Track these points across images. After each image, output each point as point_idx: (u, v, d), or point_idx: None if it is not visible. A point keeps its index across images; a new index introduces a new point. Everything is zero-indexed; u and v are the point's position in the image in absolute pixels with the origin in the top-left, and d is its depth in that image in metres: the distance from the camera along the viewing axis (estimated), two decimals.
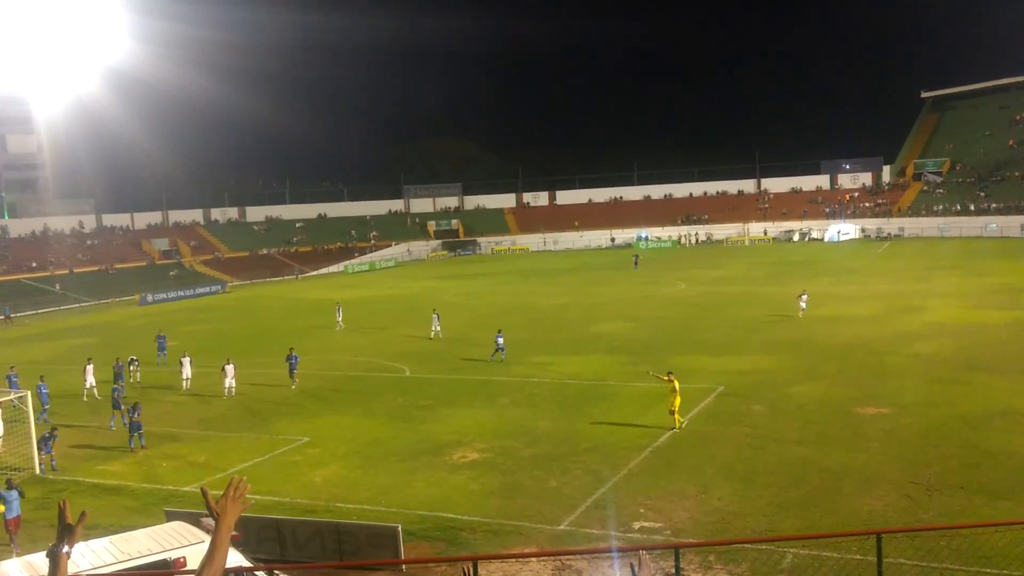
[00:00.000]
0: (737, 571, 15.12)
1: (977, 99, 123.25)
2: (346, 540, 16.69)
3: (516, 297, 60.78)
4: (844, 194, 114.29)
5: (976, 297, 47.33)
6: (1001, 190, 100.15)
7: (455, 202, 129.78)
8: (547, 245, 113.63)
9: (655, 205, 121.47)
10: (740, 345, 37.05)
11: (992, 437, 22.21)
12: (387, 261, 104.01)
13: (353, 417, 28.35)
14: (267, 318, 58.58)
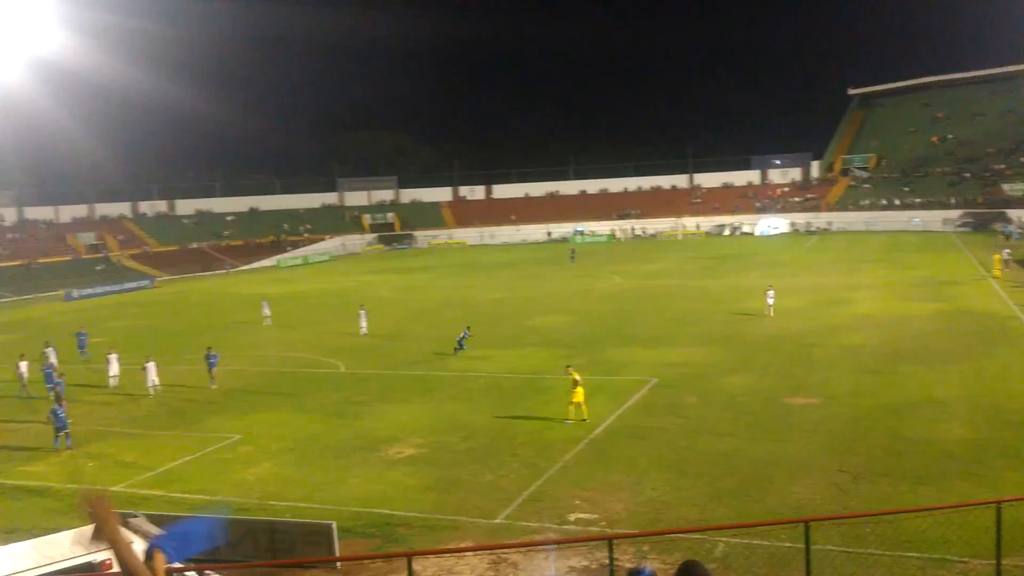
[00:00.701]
0: (670, 560, 15.31)
1: (901, 97, 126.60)
2: (279, 538, 16.47)
3: (453, 291, 60.64)
4: (774, 189, 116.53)
5: (901, 289, 48.69)
6: (924, 185, 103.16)
7: (390, 195, 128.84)
8: (484, 239, 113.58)
9: (591, 199, 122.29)
10: (673, 338, 37.54)
11: (915, 426, 22.88)
12: (321, 255, 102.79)
13: (286, 414, 27.98)
14: (197, 314, 57.46)
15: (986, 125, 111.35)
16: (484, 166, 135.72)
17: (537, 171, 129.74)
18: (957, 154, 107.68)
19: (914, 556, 14.16)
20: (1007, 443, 21.08)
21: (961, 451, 20.63)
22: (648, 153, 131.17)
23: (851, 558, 13.96)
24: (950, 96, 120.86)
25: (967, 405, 24.75)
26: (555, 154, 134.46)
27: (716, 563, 14.89)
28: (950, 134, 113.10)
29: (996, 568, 9.86)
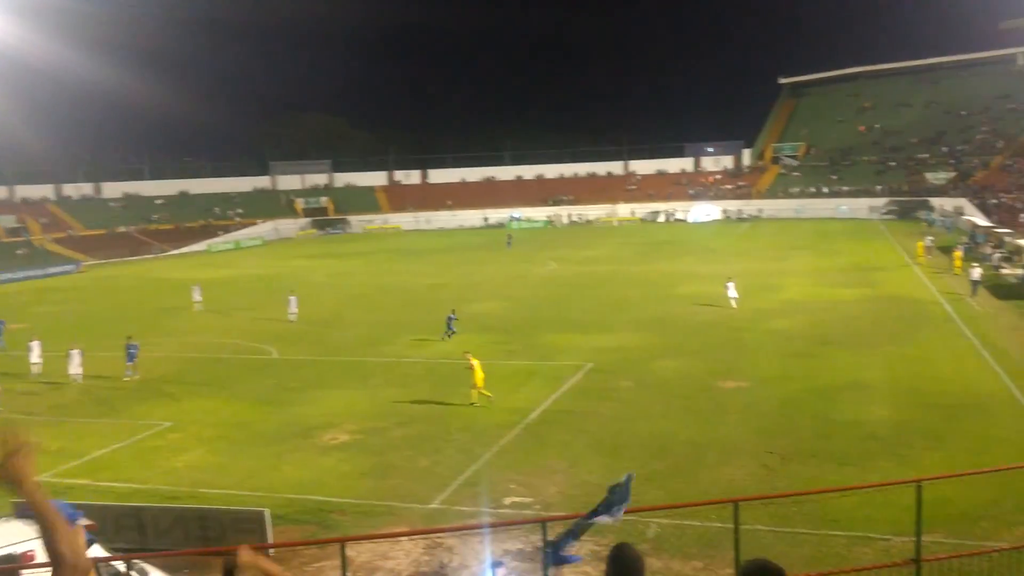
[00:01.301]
0: (603, 542, 15.49)
1: (830, 87, 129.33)
2: (210, 526, 16.23)
3: (389, 277, 60.26)
4: (707, 176, 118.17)
5: (828, 276, 49.85)
6: (851, 174, 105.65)
7: (324, 179, 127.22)
8: (420, 224, 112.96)
9: (527, 185, 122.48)
10: (608, 323, 37.90)
11: (841, 408, 23.51)
12: (253, 240, 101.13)
13: (218, 401, 27.54)
14: (125, 299, 56.09)
15: (910, 115, 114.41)
16: (420, 151, 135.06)
17: (473, 156, 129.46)
18: (883, 143, 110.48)
19: (839, 534, 14.57)
20: (928, 424, 21.79)
21: (884, 432, 21.27)
22: (584, 140, 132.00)
23: (779, 537, 14.30)
24: (876, 87, 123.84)
25: (890, 388, 25.51)
26: (491, 139, 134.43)
27: (648, 543, 15.12)
28: (876, 124, 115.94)
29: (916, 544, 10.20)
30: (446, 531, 16.13)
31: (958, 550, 11.96)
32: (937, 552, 11.69)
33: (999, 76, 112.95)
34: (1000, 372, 26.59)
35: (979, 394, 24.31)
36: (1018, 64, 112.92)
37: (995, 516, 15.20)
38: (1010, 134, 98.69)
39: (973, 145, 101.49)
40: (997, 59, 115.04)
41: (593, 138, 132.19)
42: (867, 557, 13.32)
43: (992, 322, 34.82)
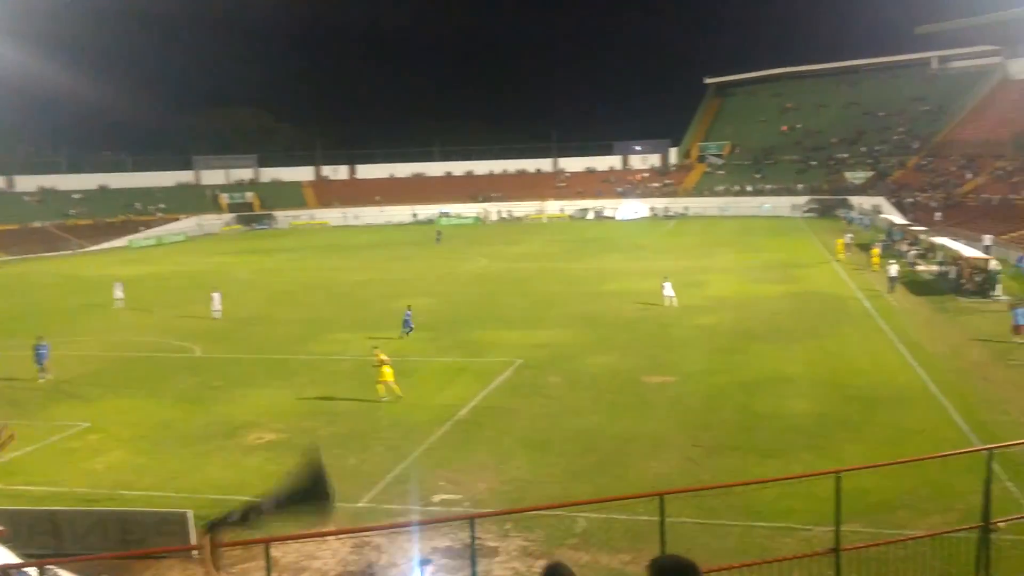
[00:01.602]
0: (532, 538, 15.57)
1: (754, 87, 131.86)
2: (130, 529, 15.81)
3: (316, 273, 59.49)
4: (635, 174, 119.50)
5: (752, 272, 50.86)
6: (774, 173, 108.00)
7: (250, 174, 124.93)
8: (348, 220, 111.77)
9: (457, 181, 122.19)
10: (538, 319, 38.05)
11: (764, 401, 24.01)
12: (176, 235, 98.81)
13: (139, 400, 26.82)
14: (41, 296, 54.23)
15: (831, 116, 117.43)
16: (348, 146, 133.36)
17: (402, 152, 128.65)
18: (804, 143, 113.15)
19: (762, 525, 14.87)
20: (847, 416, 22.39)
21: (806, 425, 21.79)
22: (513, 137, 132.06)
23: (704, 529, 14.52)
24: (798, 87, 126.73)
25: (811, 381, 26.14)
26: (421, 135, 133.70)
27: (576, 538, 15.23)
28: (798, 124, 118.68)
29: (836, 534, 10.45)
30: (374, 530, 15.98)
31: (876, 539, 12.30)
32: (856, 541, 12.00)
33: (915, 79, 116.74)
34: (915, 365, 27.47)
35: (896, 387, 25.07)
36: (932, 68, 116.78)
37: (911, 505, 15.69)
38: (925, 135, 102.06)
39: (890, 145, 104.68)
40: (913, 62, 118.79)
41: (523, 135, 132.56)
42: (789, 547, 13.62)
43: (908, 317, 35.95)
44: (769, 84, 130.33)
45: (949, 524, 13.36)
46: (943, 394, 24.06)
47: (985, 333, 32.29)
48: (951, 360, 28.36)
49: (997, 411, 22.60)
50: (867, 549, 11.36)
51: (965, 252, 44.89)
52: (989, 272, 40.36)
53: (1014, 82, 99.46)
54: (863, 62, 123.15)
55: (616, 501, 15.17)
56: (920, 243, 56.10)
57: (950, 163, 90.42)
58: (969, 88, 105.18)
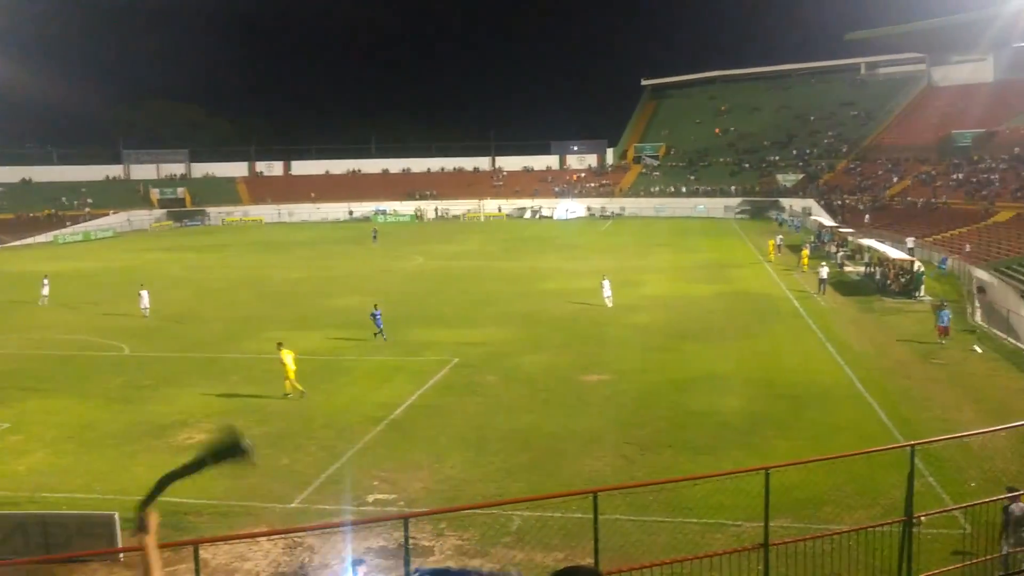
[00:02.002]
0: (467, 536, 15.55)
1: (689, 89, 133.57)
2: (54, 532, 15.35)
3: (249, 271, 58.52)
4: (572, 174, 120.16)
5: (686, 272, 51.57)
6: (708, 174, 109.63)
7: (181, 169, 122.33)
8: (282, 217, 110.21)
9: (393, 179, 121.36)
10: (474, 318, 38.02)
11: (697, 399, 24.36)
12: (104, 231, 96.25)
13: (63, 400, 26.06)
14: None
15: (763, 119, 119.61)
16: (282, 141, 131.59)
17: (338, 148, 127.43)
18: (737, 145, 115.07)
19: (694, 521, 15.06)
20: (777, 414, 22.85)
21: (737, 422, 22.17)
22: (451, 135, 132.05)
23: (637, 525, 14.67)
24: (733, 90, 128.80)
25: (743, 380, 26.60)
26: (357, 132, 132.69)
27: (511, 536, 15.25)
28: (732, 127, 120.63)
29: (765, 529, 10.64)
30: (306, 530, 15.80)
31: (803, 534, 12.54)
32: (784, 536, 12.25)
33: (844, 84, 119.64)
34: (843, 364, 28.16)
35: (824, 385, 25.67)
36: (861, 73, 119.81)
37: (837, 500, 16.06)
38: (853, 139, 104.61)
39: (820, 149, 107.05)
40: (842, 68, 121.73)
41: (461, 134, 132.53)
42: (719, 543, 13.81)
43: (836, 317, 36.83)
44: (704, 87, 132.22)
45: (874, 518, 13.69)
46: (869, 392, 24.73)
47: (909, 333, 33.26)
48: (877, 359, 29.15)
49: (920, 408, 23.31)
50: (795, 544, 11.59)
51: (891, 254, 46.16)
52: (914, 273, 41.56)
53: (938, 89, 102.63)
54: (795, 67, 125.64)
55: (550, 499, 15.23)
56: (848, 245, 57.52)
57: (877, 167, 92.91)
58: (895, 94, 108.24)
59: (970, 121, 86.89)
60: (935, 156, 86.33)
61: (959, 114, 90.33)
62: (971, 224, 60.94)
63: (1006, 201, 64.93)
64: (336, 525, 15.98)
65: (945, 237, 59.16)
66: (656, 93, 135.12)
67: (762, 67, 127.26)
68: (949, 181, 78.50)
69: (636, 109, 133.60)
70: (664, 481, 16.42)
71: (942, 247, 55.72)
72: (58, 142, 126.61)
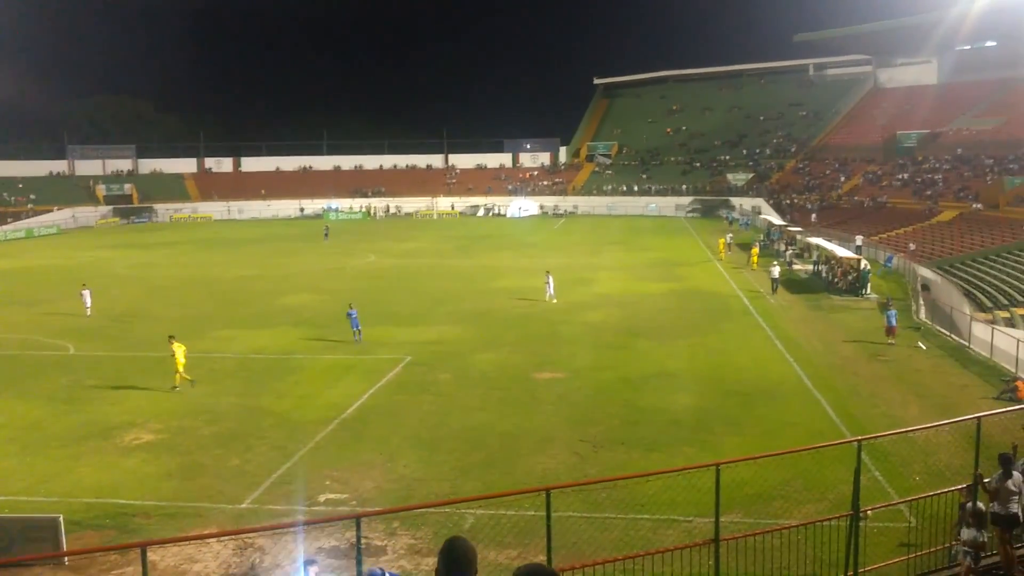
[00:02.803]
0: (420, 535, 15.50)
1: (641, 88, 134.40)
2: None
3: (197, 268, 57.64)
4: (525, 172, 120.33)
5: (638, 270, 51.94)
6: (660, 173, 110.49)
7: (128, 165, 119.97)
8: (232, 214, 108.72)
9: (345, 176, 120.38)
10: (428, 316, 37.89)
11: (649, 396, 24.56)
12: (48, 228, 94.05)
13: (6, 400, 25.44)
14: None
15: (714, 119, 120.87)
16: (232, 137, 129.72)
17: (289, 145, 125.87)
18: (689, 145, 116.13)
19: (646, 518, 15.19)
20: (727, 411, 23.13)
21: (688, 419, 22.40)
22: (404, 132, 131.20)
23: (590, 522, 14.75)
24: (684, 90, 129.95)
25: (694, 377, 26.88)
26: (308, 128, 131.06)
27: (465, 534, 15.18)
28: (683, 126, 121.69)
29: (715, 525, 10.75)
30: (257, 531, 15.62)
31: (753, 528, 12.71)
32: (735, 531, 12.39)
33: (793, 85, 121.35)
34: (792, 361, 28.60)
35: (773, 381, 26.05)
36: (809, 74, 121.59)
37: (786, 496, 16.29)
38: (802, 139, 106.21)
39: (770, 148, 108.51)
40: (791, 69, 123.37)
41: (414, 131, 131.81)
42: (671, 539, 13.95)
43: (785, 315, 37.37)
44: (656, 86, 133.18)
45: (821, 513, 13.92)
46: (817, 389, 25.15)
47: (856, 330, 33.88)
48: (825, 356, 29.65)
49: (867, 404, 23.76)
50: (745, 539, 11.73)
51: (838, 252, 46.95)
52: (860, 272, 42.33)
53: (884, 90, 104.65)
54: (746, 67, 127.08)
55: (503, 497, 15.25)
56: (797, 243, 58.39)
57: (825, 166, 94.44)
58: (843, 95, 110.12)
59: (915, 122, 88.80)
60: (881, 156, 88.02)
61: (904, 115, 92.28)
62: (916, 223, 62.27)
63: (949, 201, 66.45)
64: (287, 525, 15.81)
65: (890, 236, 60.34)
66: (608, 92, 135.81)
67: (714, 67, 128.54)
68: (894, 181, 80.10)
69: (588, 108, 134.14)
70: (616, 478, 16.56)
71: (887, 246, 56.82)
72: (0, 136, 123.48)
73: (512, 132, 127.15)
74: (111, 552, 15.16)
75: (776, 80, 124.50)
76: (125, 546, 14.29)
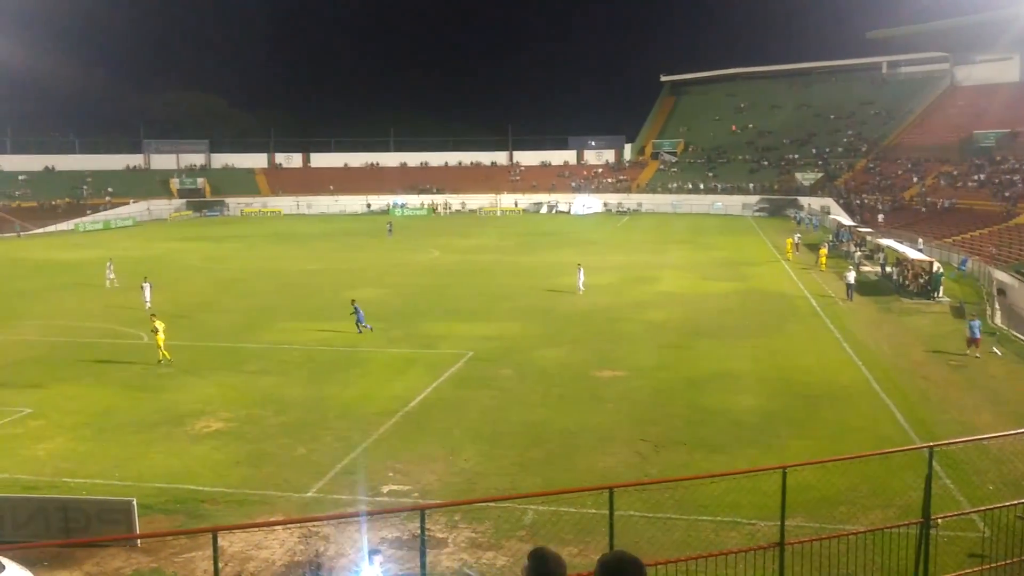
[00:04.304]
0: (481, 529, 15.60)
1: (708, 86, 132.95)
2: (73, 517, 15.51)
3: (266, 262, 58.81)
4: (589, 169, 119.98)
5: (702, 269, 51.40)
6: (726, 172, 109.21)
7: (201, 160, 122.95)
8: (301, 208, 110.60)
9: (411, 172, 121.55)
10: (490, 312, 38.06)
11: (711, 397, 24.31)
12: (124, 220, 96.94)
13: (83, 386, 26.31)
14: None
15: (783, 117, 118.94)
16: (302, 133, 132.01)
17: (357, 141, 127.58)
18: (756, 143, 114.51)
19: (708, 519, 15.07)
20: (792, 413, 22.79)
21: (752, 421, 22.12)
22: (469, 129, 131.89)
23: (651, 522, 14.68)
24: (751, 88, 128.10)
25: (758, 378, 26.52)
26: (376, 125, 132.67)
27: (525, 530, 15.29)
28: (750, 124, 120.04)
29: (780, 528, 10.63)
30: (322, 519, 15.90)
31: (819, 533, 12.52)
32: (799, 535, 12.24)
33: (865, 83, 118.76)
34: (859, 364, 28.03)
35: (840, 385, 25.56)
36: (883, 72, 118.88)
37: (852, 501, 16.02)
38: (873, 138, 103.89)
39: (840, 148, 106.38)
40: (863, 67, 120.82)
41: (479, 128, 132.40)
42: (734, 541, 13.82)
43: (853, 317, 36.64)
44: (724, 84, 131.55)
45: (889, 519, 13.67)
46: (885, 392, 24.60)
47: (927, 334, 33.06)
48: (894, 359, 28.98)
49: (937, 410, 23.17)
50: (810, 544, 11.57)
51: (910, 254, 45.85)
52: (933, 274, 41.27)
53: (961, 88, 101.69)
54: (816, 65, 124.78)
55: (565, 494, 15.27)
56: (866, 244, 57.17)
57: (897, 166, 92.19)
58: (917, 93, 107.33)
59: (993, 121, 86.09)
60: (957, 156, 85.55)
61: (982, 114, 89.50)
62: (992, 225, 60.42)
63: None
64: (352, 515, 16.06)
65: (965, 238, 58.67)
66: (675, 89, 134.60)
67: (782, 64, 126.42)
68: (970, 181, 77.81)
69: (655, 105, 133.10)
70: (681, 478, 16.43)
71: (962, 248, 55.28)
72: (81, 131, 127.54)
73: (577, 129, 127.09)
74: (181, 536, 15.59)
75: (847, 78, 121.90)
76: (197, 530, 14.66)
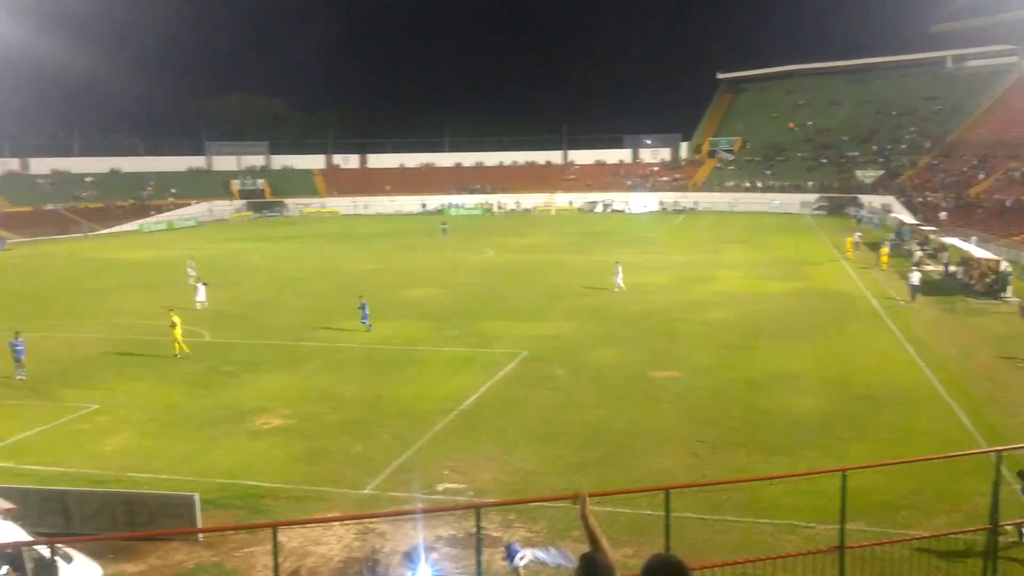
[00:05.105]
0: (536, 528, 15.62)
1: (766, 83, 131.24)
2: (138, 511, 15.91)
3: (325, 261, 59.59)
4: (645, 168, 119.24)
5: (760, 268, 50.73)
6: (784, 169, 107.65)
7: (261, 161, 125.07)
8: (358, 209, 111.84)
9: (466, 172, 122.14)
10: (544, 311, 38.05)
11: (770, 398, 23.98)
12: (187, 221, 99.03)
13: (147, 383, 26.94)
14: (54, 278, 54.51)
15: (842, 114, 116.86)
16: (358, 135, 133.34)
17: (412, 142, 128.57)
18: (815, 140, 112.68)
19: (766, 522, 14.89)
20: (853, 415, 22.36)
21: (812, 422, 21.76)
22: (523, 128, 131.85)
23: (708, 524, 14.56)
24: (810, 84, 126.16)
25: (818, 379, 26.09)
26: (431, 125, 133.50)
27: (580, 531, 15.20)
28: (809, 121, 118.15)
29: (840, 532, 10.46)
30: (379, 516, 16.06)
31: (880, 538, 12.31)
32: (860, 540, 12.01)
33: (928, 78, 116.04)
34: (922, 365, 27.39)
35: (902, 387, 25.01)
36: (947, 67, 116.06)
37: (915, 506, 15.68)
38: (937, 135, 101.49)
39: (902, 145, 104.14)
40: (927, 61, 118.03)
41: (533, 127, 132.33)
42: (792, 544, 13.64)
43: (916, 317, 35.83)
44: (781, 81, 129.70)
45: (954, 525, 13.36)
46: (950, 395, 24.01)
47: (994, 335, 32.19)
48: (959, 361, 28.27)
49: (1005, 413, 22.53)
50: (871, 548, 11.37)
51: (976, 253, 44.71)
52: (1000, 273, 40.19)
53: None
54: (876, 60, 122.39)
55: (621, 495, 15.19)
56: (929, 243, 55.90)
57: (962, 163, 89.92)
58: (984, 87, 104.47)
59: None
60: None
61: None
62: None
63: None
64: (408, 512, 16.20)
65: None
66: (732, 86, 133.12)
67: (841, 61, 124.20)
68: None
69: (711, 103, 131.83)
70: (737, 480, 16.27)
71: None
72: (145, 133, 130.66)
73: (632, 127, 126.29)
74: (242, 531, 15.88)
75: (909, 73, 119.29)
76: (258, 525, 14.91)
